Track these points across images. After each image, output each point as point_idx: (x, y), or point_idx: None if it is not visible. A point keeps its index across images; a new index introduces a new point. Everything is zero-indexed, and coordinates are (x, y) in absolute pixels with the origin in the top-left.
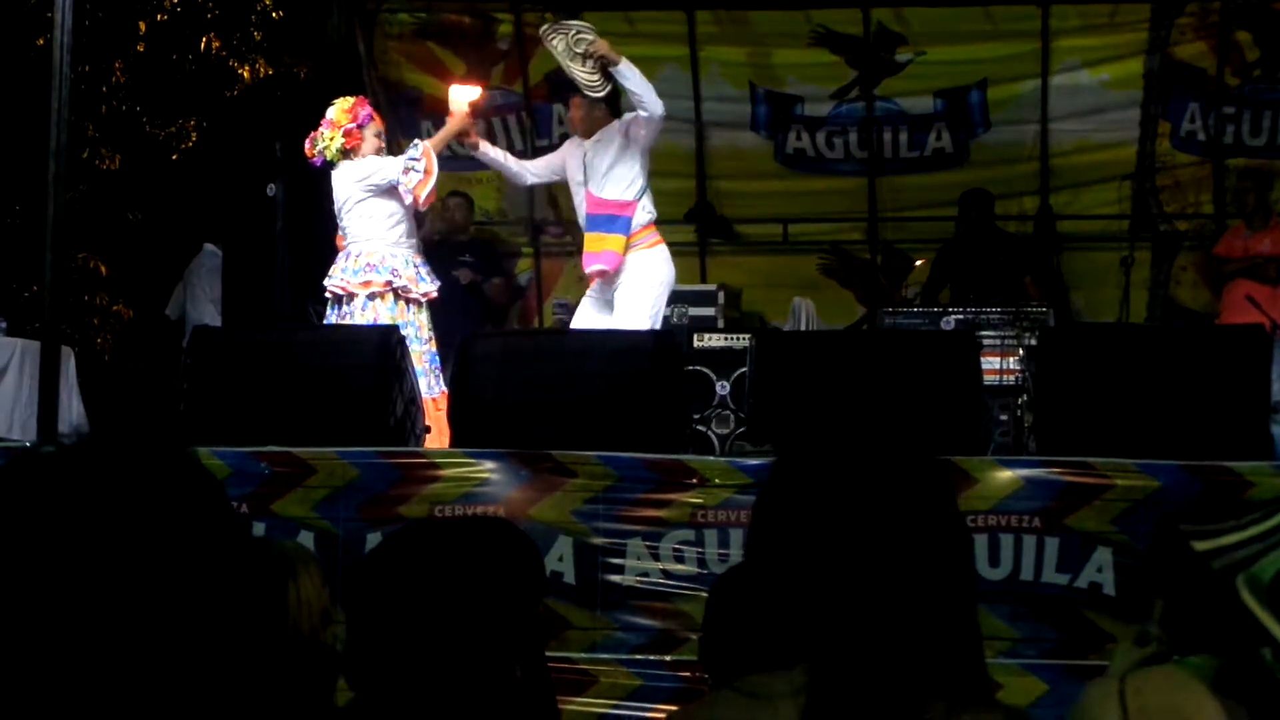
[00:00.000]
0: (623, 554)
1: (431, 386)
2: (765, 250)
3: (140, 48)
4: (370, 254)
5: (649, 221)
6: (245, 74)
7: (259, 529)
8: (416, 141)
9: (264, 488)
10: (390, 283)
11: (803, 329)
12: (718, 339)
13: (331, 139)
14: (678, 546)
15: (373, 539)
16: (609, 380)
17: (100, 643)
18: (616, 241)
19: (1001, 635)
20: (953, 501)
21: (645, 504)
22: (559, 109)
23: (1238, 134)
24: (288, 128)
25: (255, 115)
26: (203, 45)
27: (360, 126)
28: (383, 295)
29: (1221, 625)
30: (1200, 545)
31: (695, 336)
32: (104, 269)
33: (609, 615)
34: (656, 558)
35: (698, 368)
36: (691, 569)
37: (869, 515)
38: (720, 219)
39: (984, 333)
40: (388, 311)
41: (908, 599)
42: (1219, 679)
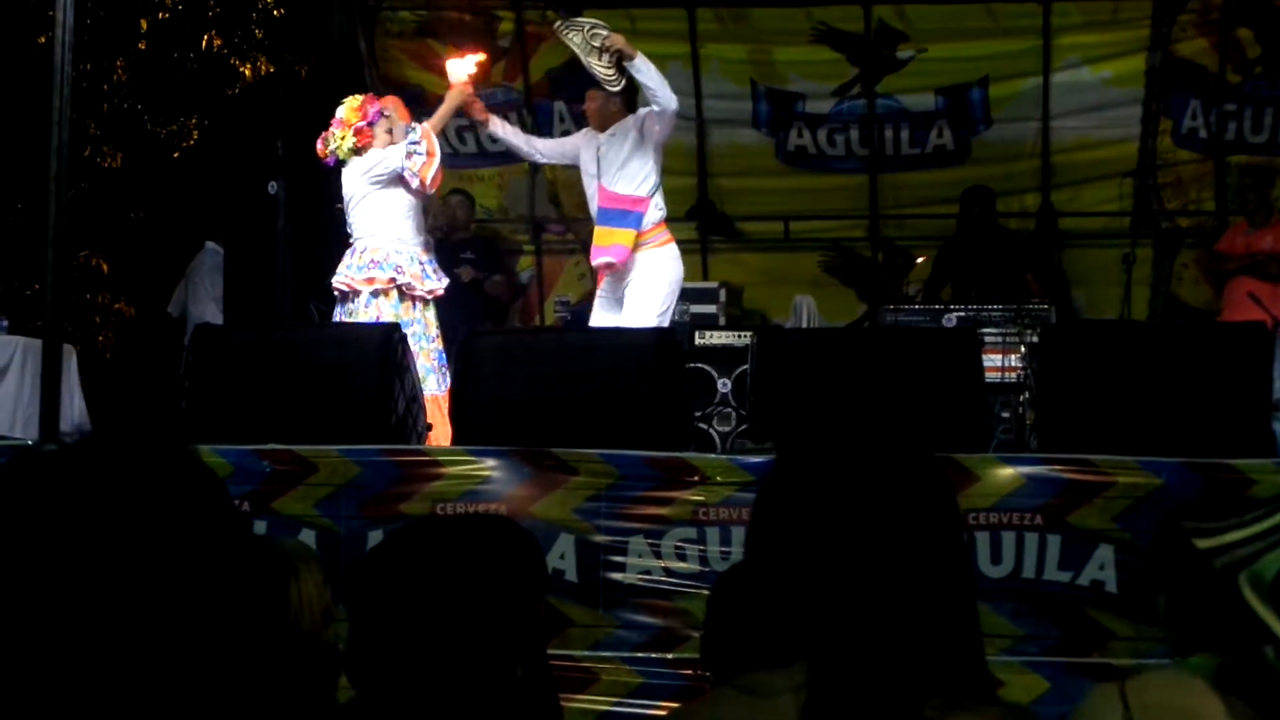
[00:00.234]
0: (624, 552)
1: (439, 384)
2: (767, 248)
3: (142, 46)
4: (375, 250)
5: (660, 219)
6: (247, 72)
7: (260, 527)
8: (414, 125)
9: (265, 486)
10: (394, 279)
11: (804, 326)
12: (719, 336)
13: (343, 138)
14: (679, 544)
15: (374, 537)
16: (610, 378)
17: (102, 642)
18: (626, 236)
19: (1003, 633)
20: (951, 499)
21: (647, 502)
22: (560, 106)
23: (1239, 131)
24: (289, 126)
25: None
26: (204, 43)
27: (370, 124)
28: (386, 292)
29: (1224, 622)
30: (1202, 543)
31: (697, 334)
32: (106, 267)
33: (611, 613)
34: (658, 555)
35: (699, 365)
36: (693, 567)
37: (867, 513)
38: (722, 216)
39: (985, 330)
40: (391, 309)
41: (906, 596)
42: (1221, 676)
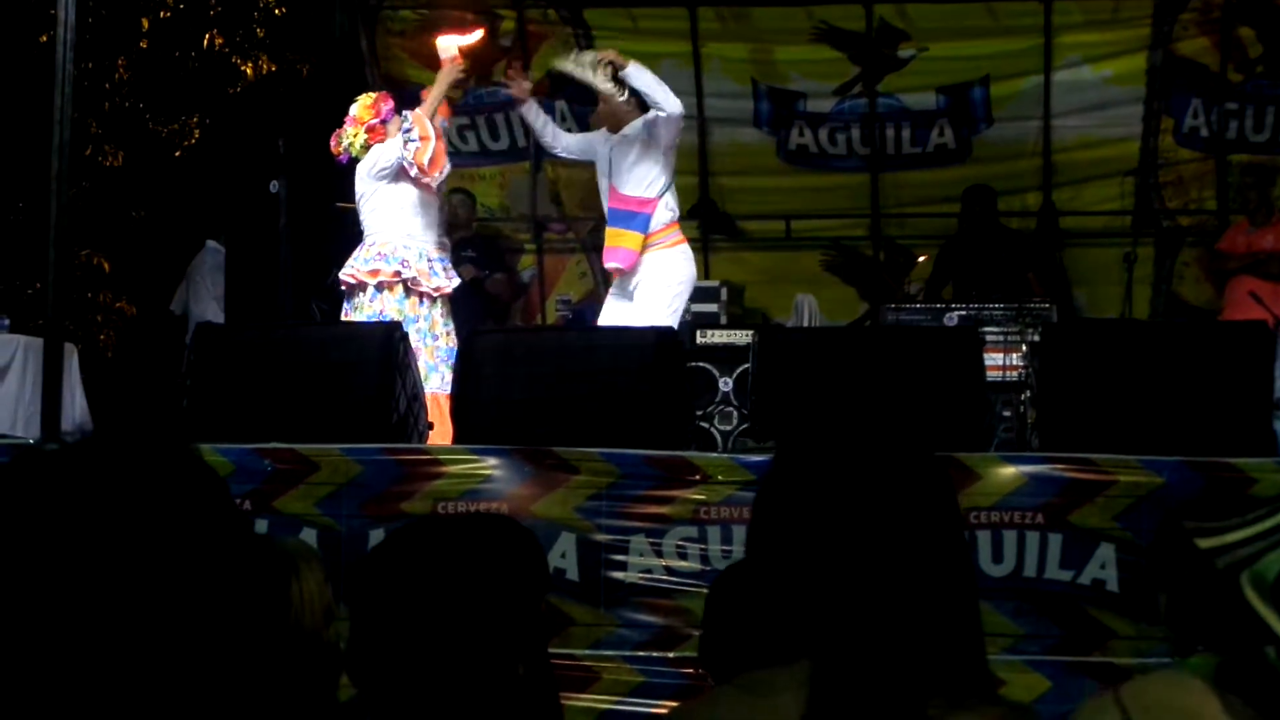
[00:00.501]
0: (626, 551)
1: (446, 382)
2: (768, 246)
3: (143, 45)
4: (383, 244)
5: (671, 220)
6: (248, 71)
7: (262, 526)
8: (404, 113)
9: (267, 485)
10: (399, 274)
11: (805, 325)
12: (720, 335)
13: (355, 135)
14: (681, 543)
15: (376, 536)
16: (612, 377)
17: (103, 641)
18: (634, 239)
19: (1004, 632)
20: (951, 498)
21: (648, 501)
22: (561, 105)
23: (1240, 130)
24: (291, 125)
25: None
26: (205, 42)
27: (383, 122)
28: (391, 286)
29: (1225, 621)
30: (1204, 543)
31: (698, 333)
32: (107, 266)
33: (612, 612)
34: (659, 554)
35: (701, 364)
36: (694, 566)
37: (866, 511)
38: (723, 215)
39: (987, 329)
40: (395, 304)
41: (906, 595)
42: (1220, 675)
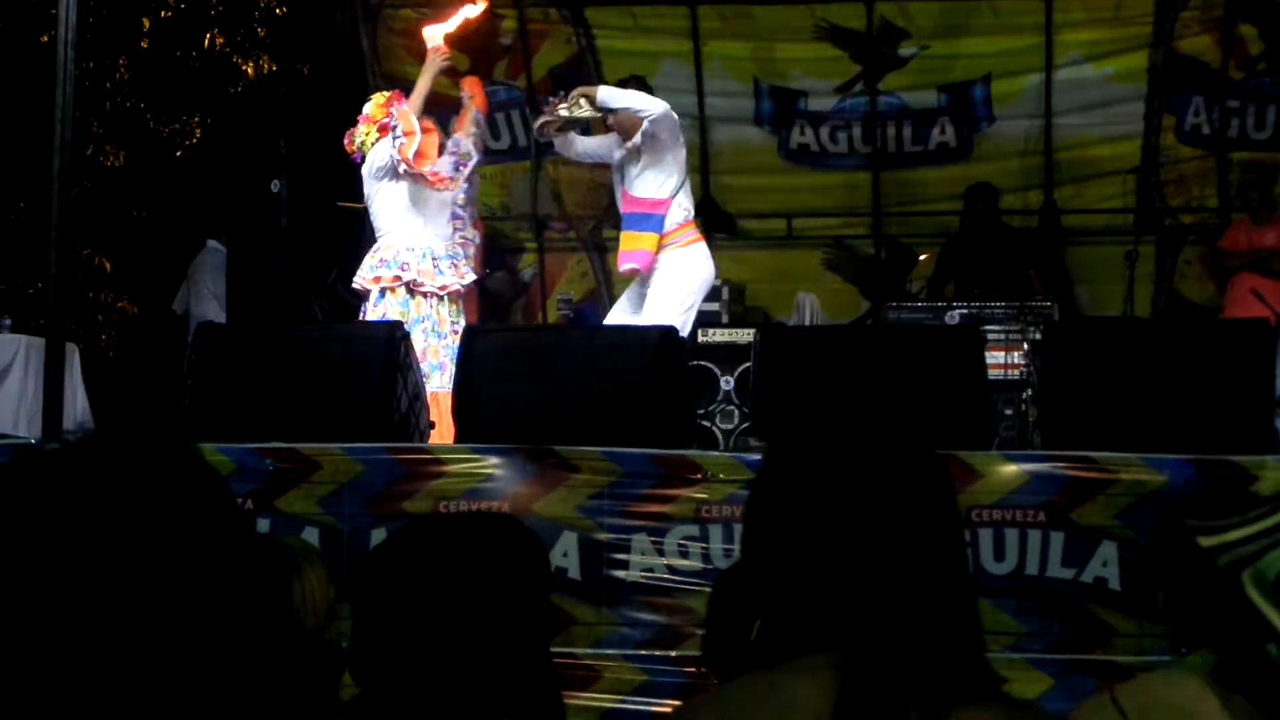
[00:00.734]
0: (627, 549)
1: (441, 380)
2: (769, 245)
3: (144, 44)
4: (386, 248)
5: (685, 220)
6: (249, 70)
7: (263, 525)
8: (392, 109)
9: (268, 484)
10: (399, 277)
11: (807, 324)
12: (722, 334)
13: (368, 134)
14: (682, 542)
15: (377, 535)
16: (613, 376)
17: (104, 640)
18: (649, 240)
19: (1006, 630)
20: (947, 494)
21: (650, 499)
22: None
23: (1242, 128)
24: (291, 124)
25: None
26: (206, 42)
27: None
28: (393, 289)
29: (1224, 618)
30: (1206, 541)
31: (699, 331)
32: (108, 265)
33: (614, 611)
34: (661, 553)
35: (702, 363)
36: (696, 564)
37: (856, 509)
38: (724, 214)
39: (988, 327)
40: (397, 306)
41: (900, 594)
42: (1219, 672)
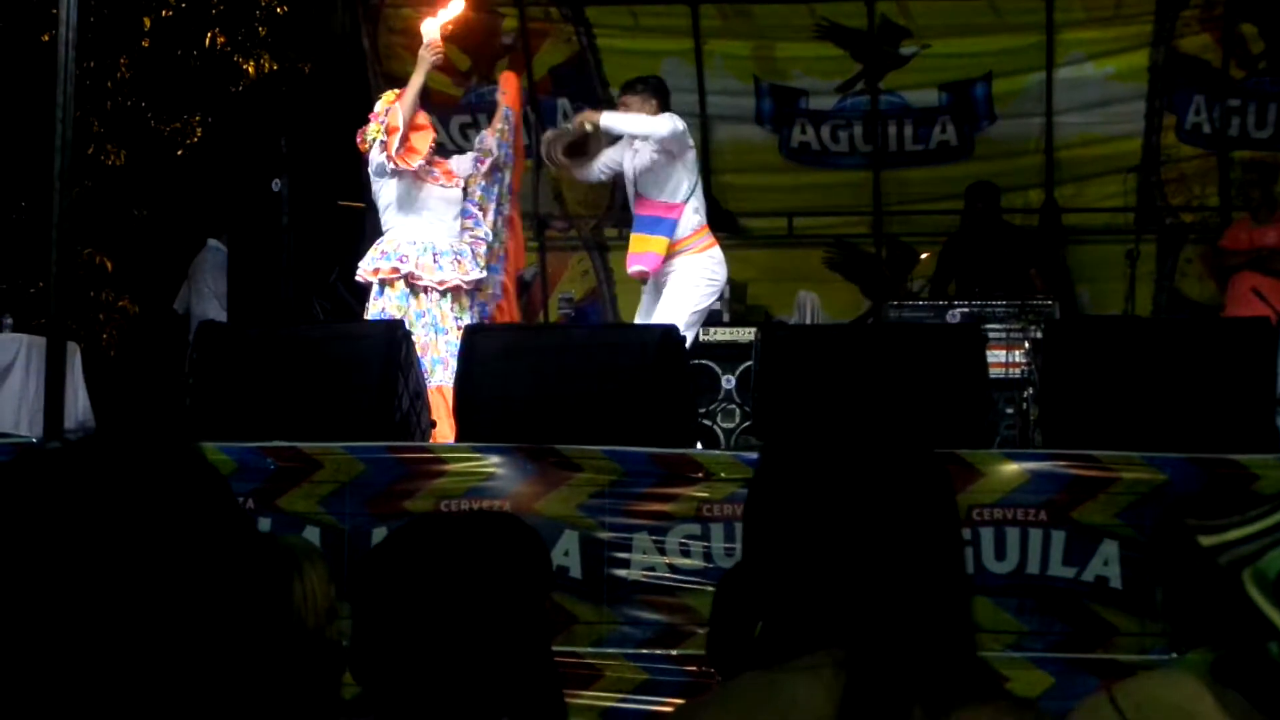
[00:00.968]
0: (629, 548)
1: (441, 376)
2: (770, 244)
3: (145, 43)
4: (388, 241)
5: (700, 224)
6: (250, 69)
7: (264, 524)
8: (387, 107)
9: (270, 483)
10: (397, 269)
11: (808, 323)
12: (723, 333)
13: (378, 131)
14: (684, 541)
15: (378, 534)
16: (614, 375)
17: (105, 640)
18: (659, 243)
19: (1008, 628)
20: (944, 494)
21: (651, 498)
22: (563, 103)
23: (1243, 127)
24: (292, 123)
25: (260, 111)
26: (207, 41)
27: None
28: (392, 283)
29: (1222, 616)
30: (1206, 540)
31: (701, 330)
32: (109, 265)
33: (615, 609)
34: (662, 552)
35: (703, 362)
36: (697, 563)
37: (854, 509)
38: (725, 213)
39: (990, 326)
40: (396, 299)
41: (899, 592)
42: (1216, 671)
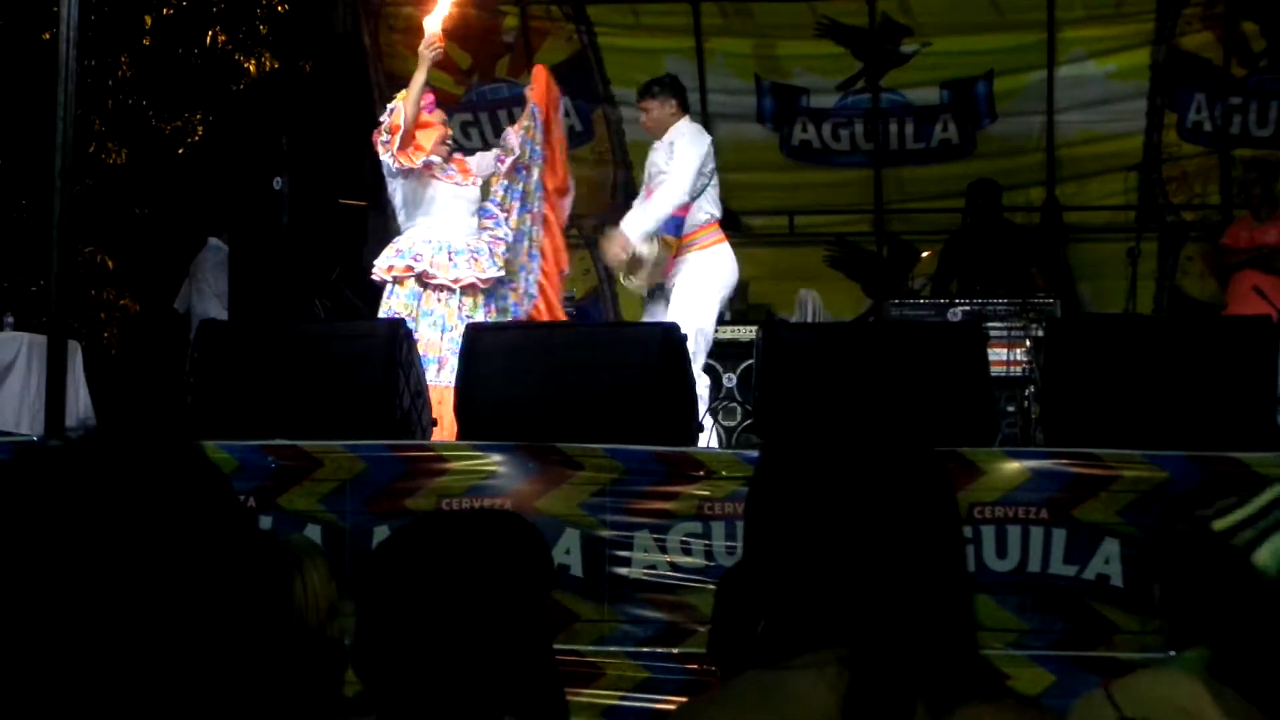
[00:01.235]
0: (630, 546)
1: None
2: (771, 242)
3: (146, 42)
4: (403, 240)
5: (708, 221)
6: (251, 68)
7: (266, 522)
8: (389, 105)
9: (271, 481)
10: (411, 267)
11: (809, 321)
12: (724, 331)
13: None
14: (685, 539)
15: (380, 532)
16: (616, 373)
17: (106, 638)
18: (666, 241)
19: (1009, 627)
20: (944, 491)
21: (652, 496)
22: (565, 102)
23: (1244, 125)
24: (293, 121)
25: (261, 109)
26: (208, 39)
27: (428, 114)
28: (402, 281)
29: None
30: (1220, 524)
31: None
32: (110, 263)
33: (616, 608)
34: (664, 550)
35: (705, 360)
36: (699, 561)
37: (853, 507)
38: (727, 211)
39: (991, 324)
40: (404, 299)
41: (900, 590)
42: (1214, 667)
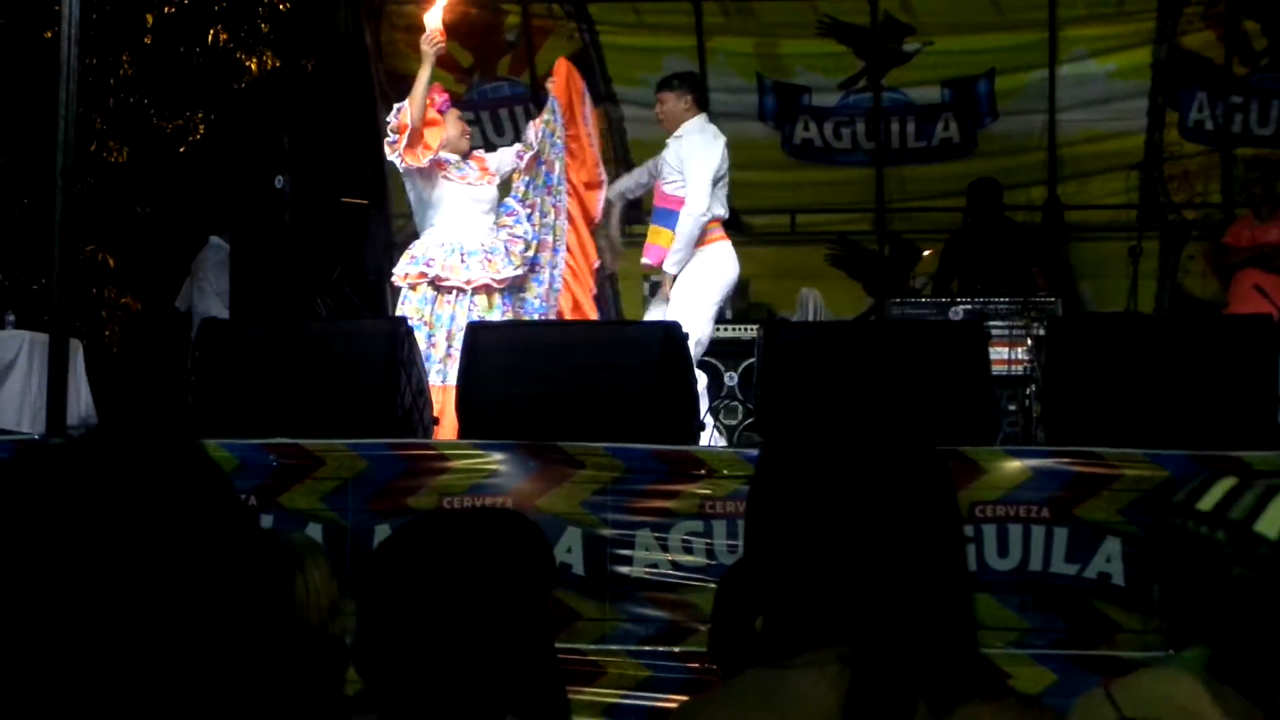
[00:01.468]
0: (631, 545)
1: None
2: (773, 241)
3: (148, 40)
4: (417, 245)
5: (711, 218)
6: (253, 66)
7: (267, 521)
8: (395, 105)
9: (272, 480)
10: (424, 273)
11: (811, 320)
12: (726, 330)
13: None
14: (686, 538)
15: (381, 531)
16: (617, 371)
17: (107, 637)
18: (669, 237)
19: (1010, 625)
20: (944, 490)
21: (654, 495)
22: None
23: (1245, 123)
24: (295, 120)
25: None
26: (210, 38)
27: (440, 113)
28: (415, 286)
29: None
30: (1204, 504)
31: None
32: (112, 261)
33: (618, 606)
34: (665, 549)
35: (706, 359)
36: (700, 560)
37: (852, 506)
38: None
39: (992, 323)
40: (416, 304)
41: (900, 589)
42: (1213, 666)
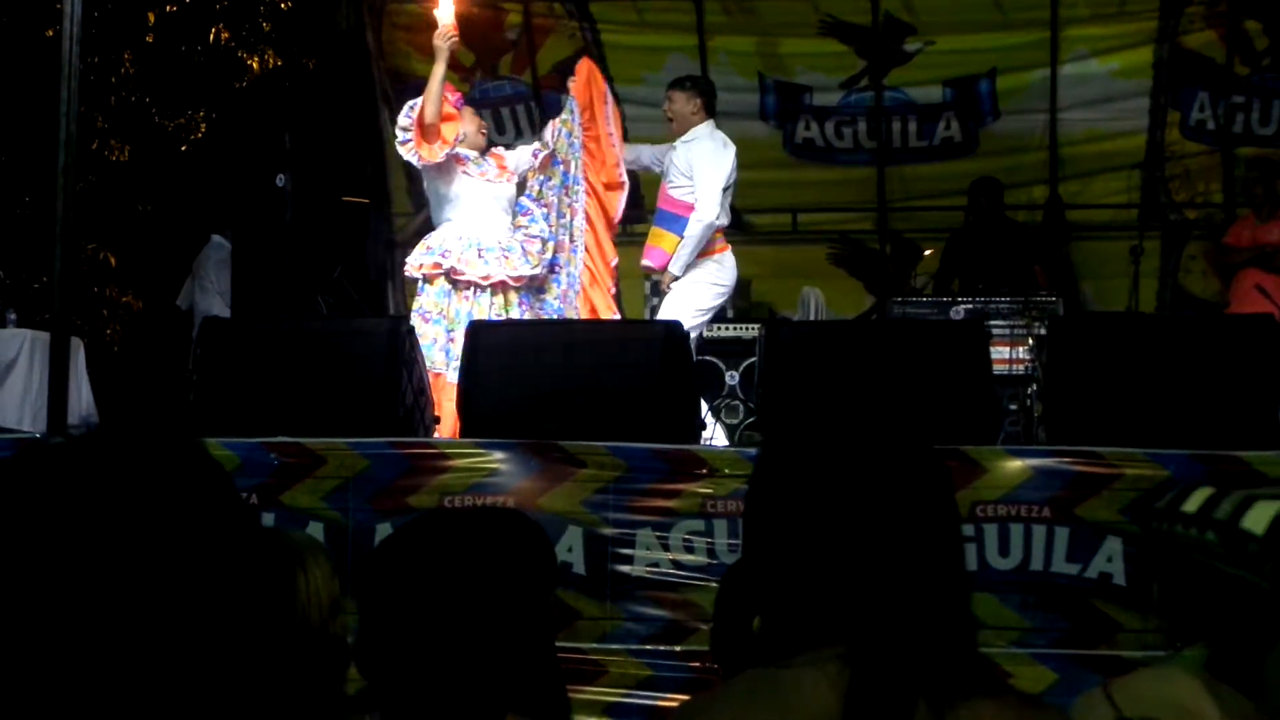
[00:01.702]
0: (632, 544)
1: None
2: (774, 240)
3: (149, 39)
4: (435, 236)
5: (719, 226)
6: (254, 65)
7: (268, 520)
8: (409, 102)
9: (273, 478)
10: (439, 264)
11: (812, 319)
12: (727, 329)
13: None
14: (687, 537)
15: (382, 530)
16: (619, 370)
17: (108, 635)
18: (669, 240)
19: (1011, 625)
20: (942, 488)
21: (655, 494)
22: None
23: (1247, 123)
24: (296, 119)
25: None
26: (212, 36)
27: (456, 109)
28: (431, 279)
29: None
30: (1189, 506)
31: (705, 326)
32: (113, 260)
33: (619, 605)
34: (666, 548)
35: (707, 358)
36: (701, 559)
37: (852, 505)
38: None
39: (993, 322)
40: (434, 297)
41: (899, 588)
42: (1212, 665)
